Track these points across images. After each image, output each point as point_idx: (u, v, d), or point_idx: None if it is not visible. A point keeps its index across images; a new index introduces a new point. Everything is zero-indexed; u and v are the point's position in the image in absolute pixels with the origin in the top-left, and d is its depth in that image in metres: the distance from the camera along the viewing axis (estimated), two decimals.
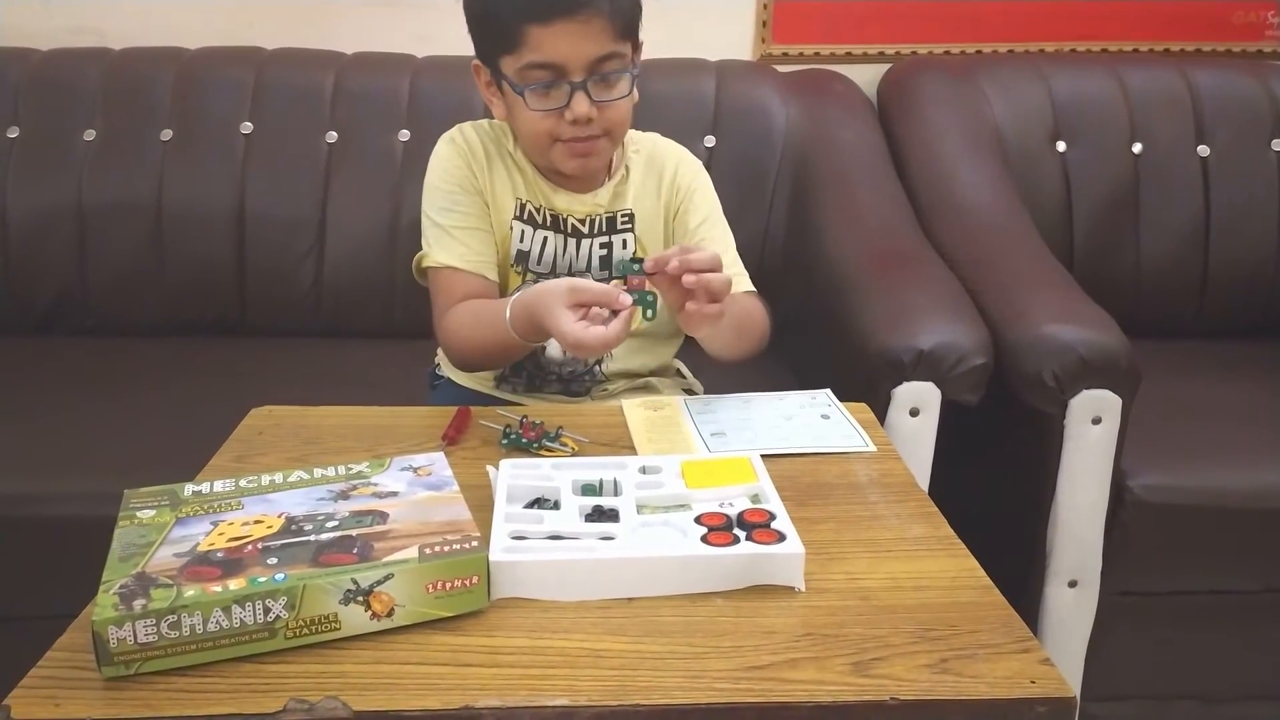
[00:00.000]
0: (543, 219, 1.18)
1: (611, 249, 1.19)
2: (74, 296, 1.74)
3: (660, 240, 1.22)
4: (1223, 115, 1.83)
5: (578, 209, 1.18)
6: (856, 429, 1.02)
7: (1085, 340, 1.30)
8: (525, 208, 1.17)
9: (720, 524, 0.79)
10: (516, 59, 1.07)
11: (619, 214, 1.20)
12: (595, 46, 1.06)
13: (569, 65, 1.06)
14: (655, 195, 1.22)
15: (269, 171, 1.74)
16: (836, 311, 1.44)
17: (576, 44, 1.05)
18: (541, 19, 1.04)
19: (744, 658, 0.68)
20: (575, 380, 1.22)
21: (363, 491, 0.81)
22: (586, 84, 1.07)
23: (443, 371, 1.30)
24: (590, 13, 1.04)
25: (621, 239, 1.20)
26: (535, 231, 1.17)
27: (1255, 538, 1.38)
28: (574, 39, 1.05)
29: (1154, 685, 1.46)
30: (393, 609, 0.69)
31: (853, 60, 1.97)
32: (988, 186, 1.72)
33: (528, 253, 1.18)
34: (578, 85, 1.07)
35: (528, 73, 1.07)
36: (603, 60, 1.07)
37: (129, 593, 0.66)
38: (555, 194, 1.18)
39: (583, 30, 1.05)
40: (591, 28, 1.05)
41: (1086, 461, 1.32)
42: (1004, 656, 0.68)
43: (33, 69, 1.78)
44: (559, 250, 1.18)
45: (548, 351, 1.19)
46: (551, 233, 1.18)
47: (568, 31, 1.05)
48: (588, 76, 1.07)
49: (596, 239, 1.19)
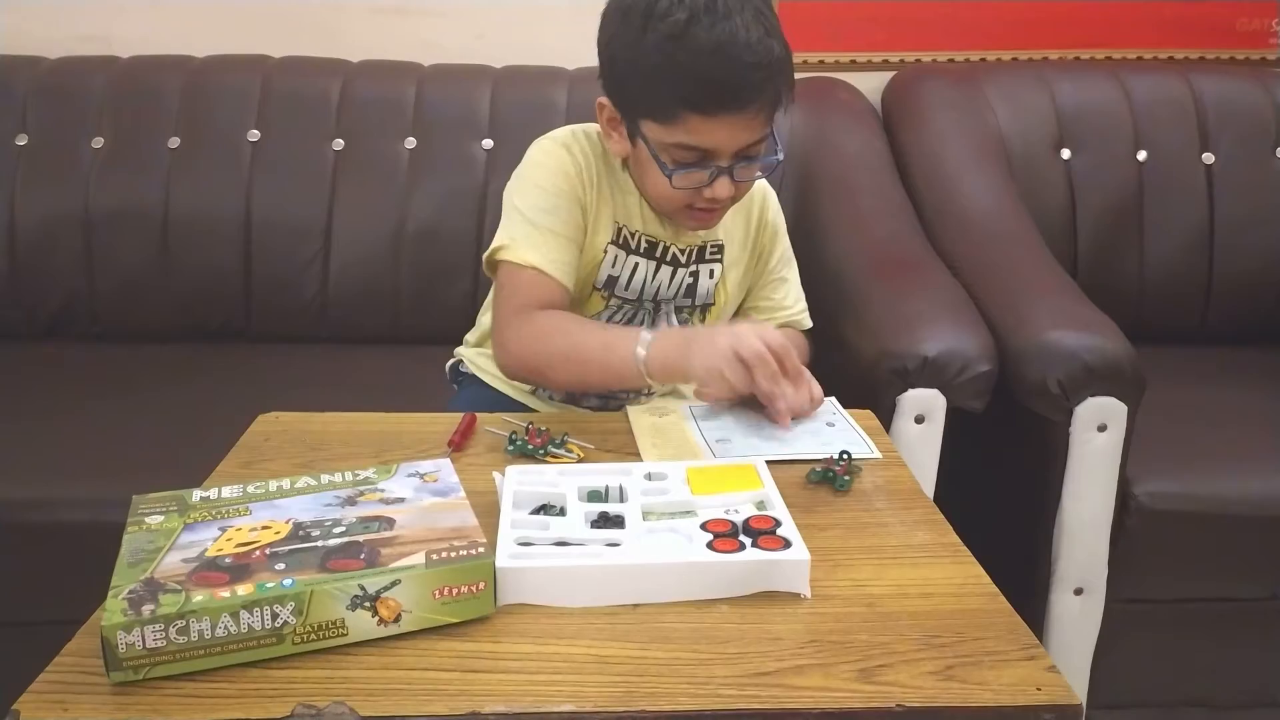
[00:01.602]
0: (637, 245, 1.16)
1: (699, 278, 1.19)
2: (81, 302, 1.75)
3: (741, 273, 1.23)
4: (1227, 123, 1.83)
5: (682, 240, 1.17)
6: (862, 436, 1.02)
7: (1090, 347, 1.30)
8: (622, 233, 1.15)
9: (726, 530, 0.79)
10: (666, 133, 1.04)
11: (710, 245, 1.19)
12: (749, 135, 1.04)
13: (720, 152, 1.04)
14: (745, 229, 1.22)
15: (275, 179, 1.75)
16: (841, 318, 1.44)
17: (734, 135, 1.03)
18: (705, 112, 1.01)
19: (750, 664, 0.68)
20: (615, 397, 1.21)
21: (370, 497, 0.81)
22: (733, 168, 1.05)
23: (467, 368, 1.28)
24: (755, 110, 1.02)
25: (709, 269, 1.19)
26: (628, 257, 1.16)
27: (1262, 545, 1.38)
28: (733, 130, 1.02)
29: (1160, 693, 1.46)
30: (400, 615, 0.69)
31: (857, 68, 1.97)
32: (992, 194, 1.72)
33: (617, 278, 1.16)
34: (724, 170, 1.04)
35: (676, 151, 1.04)
36: (752, 145, 1.05)
37: (137, 598, 0.66)
38: (663, 223, 1.16)
39: (744, 124, 1.02)
40: (753, 122, 1.03)
41: (1092, 468, 1.32)
42: (1010, 664, 0.68)
43: (41, 77, 1.80)
44: (648, 277, 1.16)
45: None
46: (644, 259, 1.16)
47: (728, 124, 1.02)
48: (735, 161, 1.05)
49: (689, 268, 1.18)
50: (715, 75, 0.99)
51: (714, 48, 0.98)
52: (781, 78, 1.03)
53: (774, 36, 1.01)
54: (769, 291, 1.26)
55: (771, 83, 1.01)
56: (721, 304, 1.22)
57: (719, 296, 1.21)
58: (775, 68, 1.01)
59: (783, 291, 1.27)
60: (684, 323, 1.20)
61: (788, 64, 1.04)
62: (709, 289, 1.20)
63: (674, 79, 1.00)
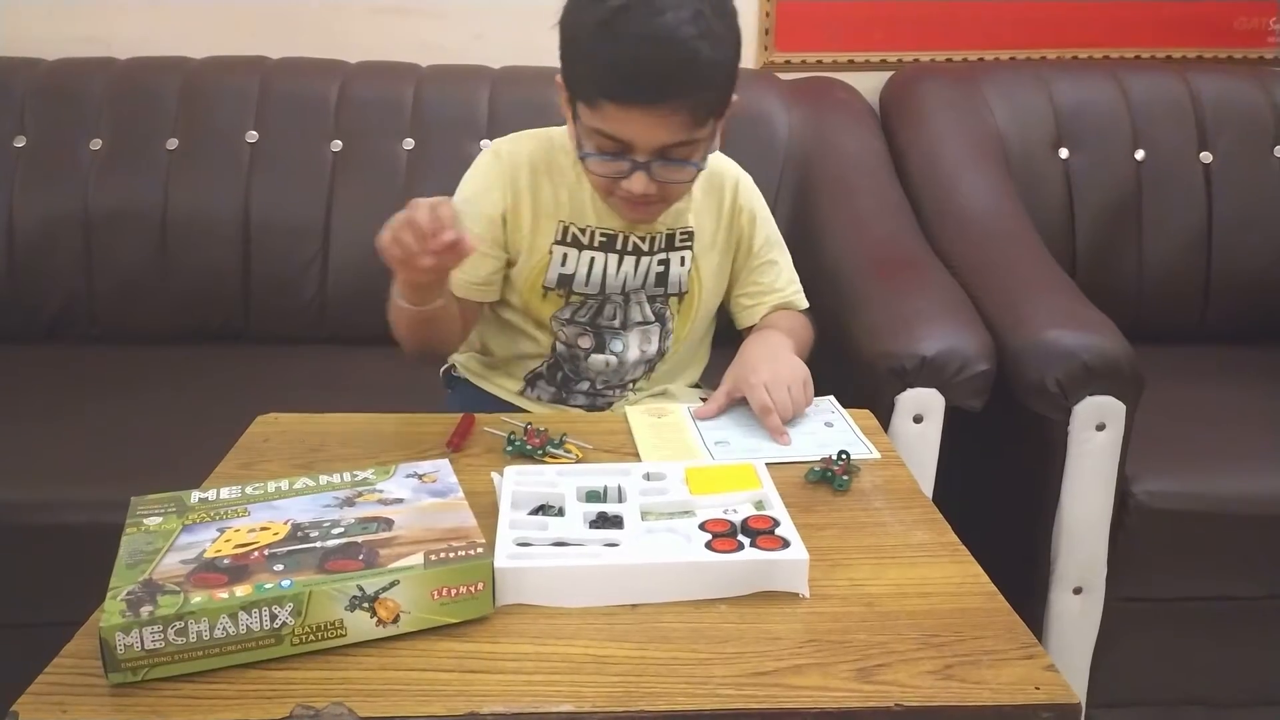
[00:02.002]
0: (590, 240, 1.16)
1: (669, 266, 1.19)
2: (80, 304, 1.75)
3: (718, 260, 1.22)
4: (1225, 122, 1.83)
5: (641, 227, 1.16)
6: (860, 436, 1.02)
7: (1088, 346, 1.30)
8: (569, 230, 1.15)
9: (724, 530, 0.79)
10: (590, 118, 1.03)
11: (678, 231, 1.19)
12: (668, 135, 1.02)
13: (637, 146, 1.03)
14: (715, 215, 1.22)
15: (274, 180, 1.75)
16: (839, 318, 1.44)
17: (650, 131, 1.01)
18: (619, 101, 1.00)
19: (748, 664, 0.68)
20: (604, 395, 1.22)
21: (368, 498, 0.81)
22: (650, 165, 1.04)
23: (459, 373, 1.29)
24: (670, 107, 1.00)
25: (680, 256, 1.19)
26: (581, 253, 1.16)
27: (1260, 543, 1.38)
28: (647, 125, 1.01)
29: (1159, 691, 1.46)
30: (398, 615, 0.70)
31: (855, 68, 1.97)
32: (990, 193, 1.72)
33: (572, 275, 1.16)
34: (640, 165, 1.03)
35: (598, 137, 1.04)
36: (673, 146, 1.04)
37: (136, 599, 0.66)
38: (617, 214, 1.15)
39: (660, 121, 1.01)
40: (669, 120, 1.01)
41: (1091, 468, 1.32)
42: (1009, 663, 0.68)
43: (39, 78, 1.79)
44: (611, 269, 1.16)
45: (589, 360, 1.19)
46: (600, 253, 1.16)
47: (643, 118, 1.00)
48: (653, 159, 1.03)
49: (655, 256, 1.18)
50: (630, 66, 0.98)
51: (637, 39, 0.98)
52: (707, 82, 1.01)
53: (707, 39, 0.99)
54: (757, 276, 1.25)
55: (693, 85, 1.00)
56: (696, 292, 1.21)
57: (692, 284, 1.21)
58: (698, 70, 0.99)
59: (772, 274, 1.26)
60: (658, 313, 1.20)
61: (719, 71, 1.02)
62: (681, 276, 1.19)
63: (595, 63, 1.01)
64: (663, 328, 1.20)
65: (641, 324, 1.20)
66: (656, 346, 1.21)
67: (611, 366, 1.19)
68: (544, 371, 1.22)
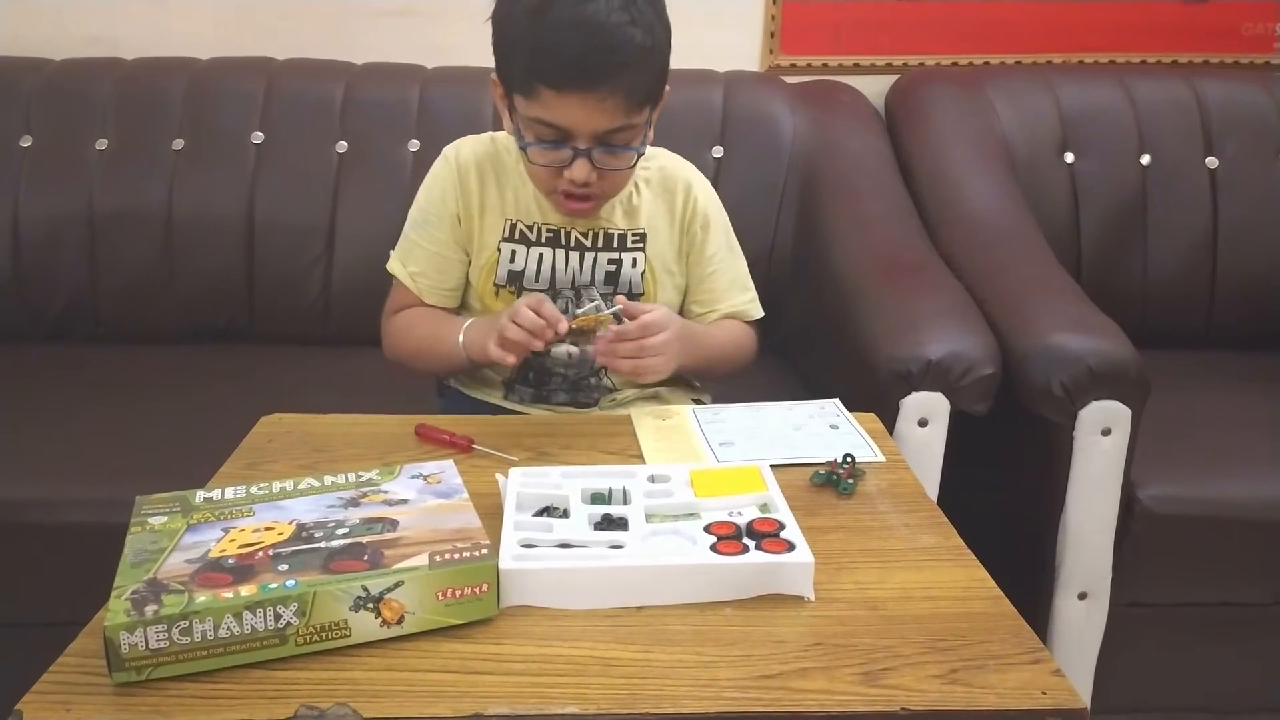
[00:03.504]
0: (538, 236, 1.18)
1: (621, 266, 1.19)
2: (85, 304, 1.75)
3: (672, 262, 1.22)
4: (1231, 127, 1.83)
5: (579, 223, 1.18)
6: (865, 439, 1.02)
7: (1094, 351, 1.30)
8: (516, 227, 1.18)
9: (729, 533, 0.79)
10: (527, 107, 1.05)
11: (630, 233, 1.19)
12: (605, 120, 1.04)
13: (576, 133, 1.05)
14: (669, 217, 1.22)
15: (279, 181, 1.75)
16: (844, 321, 1.44)
17: (589, 116, 1.03)
18: (555, 87, 1.02)
19: (753, 667, 0.68)
20: (583, 390, 1.22)
21: (373, 499, 0.81)
22: (591, 152, 1.06)
23: (450, 381, 1.30)
24: (607, 91, 1.02)
25: (632, 257, 1.20)
26: (529, 249, 1.17)
27: (1266, 549, 1.37)
28: (586, 111, 1.03)
29: (1165, 697, 1.45)
30: (403, 616, 0.69)
31: (861, 71, 1.97)
32: (996, 197, 1.72)
33: (521, 272, 1.18)
34: (581, 152, 1.05)
35: (537, 126, 1.06)
36: (612, 132, 1.06)
37: (141, 598, 0.66)
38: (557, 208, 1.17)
39: (597, 106, 1.03)
40: (606, 105, 1.03)
41: (1096, 472, 1.32)
42: (1015, 667, 0.68)
43: (46, 78, 1.80)
44: (560, 265, 1.18)
45: (552, 352, 1.20)
46: (547, 248, 1.18)
47: (581, 104, 1.03)
48: (593, 145, 1.05)
49: (603, 253, 1.19)
50: (565, 51, 1.01)
51: (569, 25, 1.01)
52: (641, 67, 1.04)
53: (639, 26, 1.02)
54: (710, 284, 1.24)
55: (627, 69, 1.02)
56: (653, 294, 1.21)
57: (648, 285, 1.21)
58: (631, 54, 1.02)
59: (724, 283, 1.25)
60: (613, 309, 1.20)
61: (652, 56, 1.05)
62: (634, 277, 1.20)
63: (530, 51, 1.03)
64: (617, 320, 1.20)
65: None
66: None
67: (574, 357, 1.20)
68: (516, 377, 1.23)
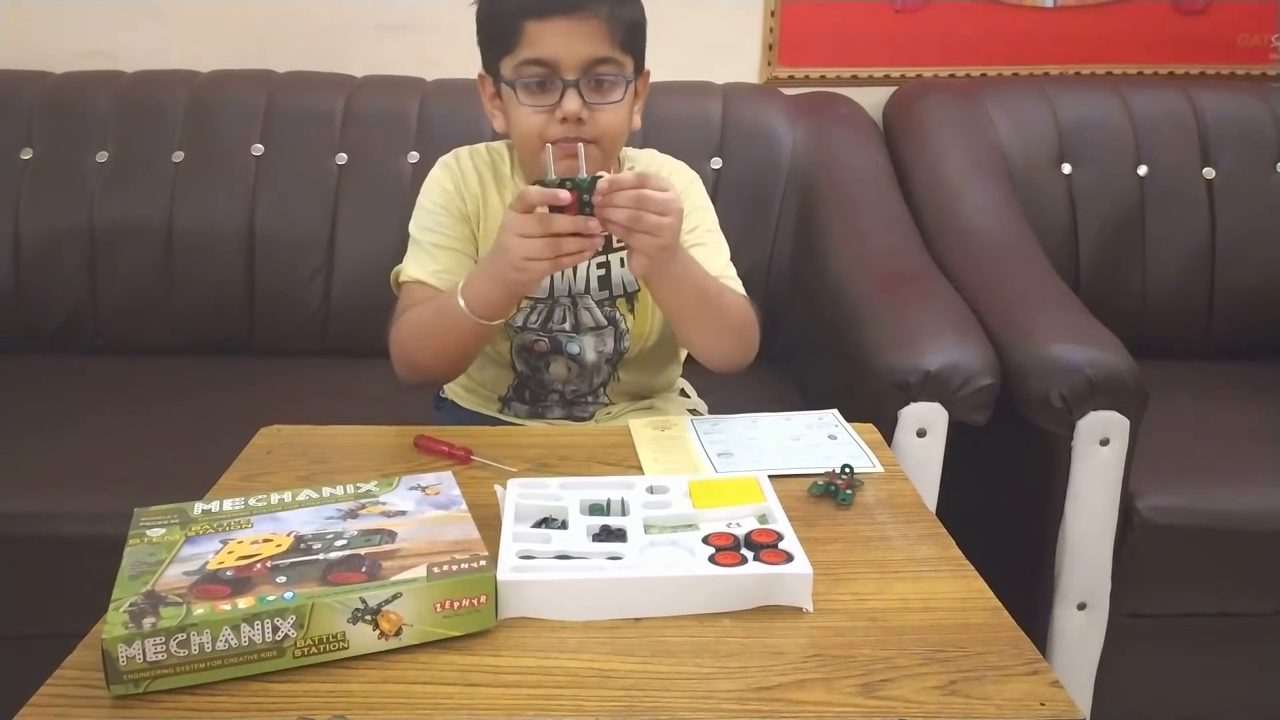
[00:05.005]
0: None
1: (609, 268, 1.19)
2: (85, 316, 1.75)
3: None
4: (1227, 138, 1.83)
5: None
6: (864, 449, 1.02)
7: (1092, 361, 1.30)
8: None
9: (728, 544, 0.79)
10: (514, 57, 1.08)
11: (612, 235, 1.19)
12: (590, 48, 1.07)
13: (562, 63, 1.07)
14: None
15: (279, 193, 1.76)
16: (843, 332, 1.44)
17: (572, 43, 1.06)
18: (538, 14, 1.06)
19: (752, 678, 0.68)
20: (579, 404, 1.22)
21: (371, 510, 0.81)
22: (579, 83, 1.08)
23: (446, 394, 1.30)
24: (587, 13, 1.06)
25: (619, 257, 1.19)
26: None
27: (1264, 559, 1.37)
28: (569, 37, 1.06)
29: (1164, 708, 1.45)
30: (401, 628, 0.69)
31: (859, 83, 1.98)
32: (993, 208, 1.72)
33: None
34: (570, 84, 1.07)
35: (523, 68, 1.08)
36: (597, 63, 1.08)
37: (139, 611, 0.66)
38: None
39: (579, 29, 1.06)
40: (587, 28, 1.06)
41: (1094, 483, 1.32)
42: (1013, 678, 0.68)
43: (46, 91, 1.80)
44: (557, 273, 1.17)
45: (551, 369, 1.20)
46: None
47: (564, 29, 1.06)
48: (581, 77, 1.08)
49: (593, 259, 1.19)
50: None
51: None
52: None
53: None
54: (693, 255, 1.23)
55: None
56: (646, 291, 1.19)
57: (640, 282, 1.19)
58: None
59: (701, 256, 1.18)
60: (609, 316, 1.20)
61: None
62: (624, 277, 1.19)
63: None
64: (616, 329, 1.21)
65: (594, 329, 1.20)
66: (613, 347, 1.21)
67: (574, 372, 1.20)
68: (511, 395, 1.23)
